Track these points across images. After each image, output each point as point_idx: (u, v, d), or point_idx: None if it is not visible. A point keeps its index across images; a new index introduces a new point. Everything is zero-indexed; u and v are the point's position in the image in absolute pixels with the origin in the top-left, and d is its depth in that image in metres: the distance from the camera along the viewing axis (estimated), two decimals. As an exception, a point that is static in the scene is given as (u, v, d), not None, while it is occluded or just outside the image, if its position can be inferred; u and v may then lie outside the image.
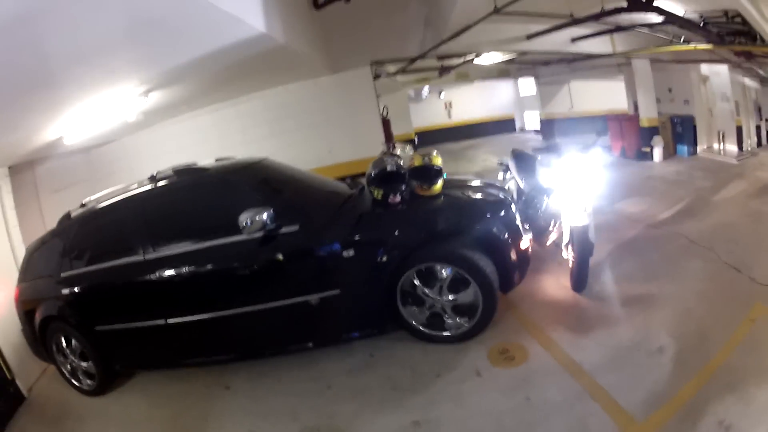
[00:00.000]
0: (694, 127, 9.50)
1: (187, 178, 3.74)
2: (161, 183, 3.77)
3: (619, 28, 7.58)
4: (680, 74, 9.81)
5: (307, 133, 7.19)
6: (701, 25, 6.73)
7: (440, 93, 17.87)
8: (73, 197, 4.76)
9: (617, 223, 5.37)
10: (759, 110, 10.73)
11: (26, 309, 4.32)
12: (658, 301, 3.49)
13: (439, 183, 3.56)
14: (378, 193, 3.50)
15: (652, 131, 9.35)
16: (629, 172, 8.44)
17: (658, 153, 9.24)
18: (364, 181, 3.94)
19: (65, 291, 3.87)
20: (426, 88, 16.51)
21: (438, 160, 3.64)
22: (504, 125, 18.01)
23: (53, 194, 6.29)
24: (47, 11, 2.06)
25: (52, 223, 4.72)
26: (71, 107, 4.08)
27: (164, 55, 3.52)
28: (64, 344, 4.05)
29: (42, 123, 4.23)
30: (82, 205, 4.22)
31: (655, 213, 5.75)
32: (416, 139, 13.45)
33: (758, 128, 10.47)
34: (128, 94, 4.34)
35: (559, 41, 8.05)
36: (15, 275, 4.72)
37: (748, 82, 10.17)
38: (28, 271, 4.45)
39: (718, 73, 10.02)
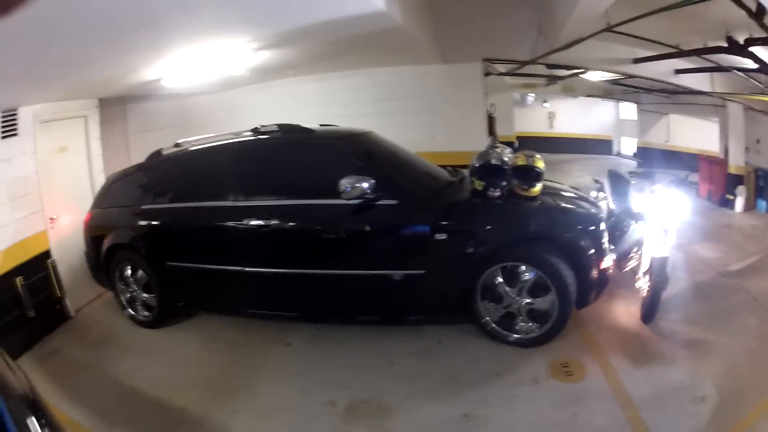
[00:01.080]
0: None
1: (292, 136, 3.90)
2: (264, 136, 3.94)
3: (719, 68, 7.44)
4: None
5: (410, 117, 7.25)
6: None
7: (544, 101, 18.02)
8: (161, 140, 4.97)
9: (690, 264, 5.34)
10: None
11: (94, 234, 4.59)
12: (712, 349, 3.54)
13: (539, 186, 3.61)
14: (479, 185, 3.56)
15: (738, 179, 9.17)
16: (709, 216, 8.38)
17: (740, 203, 9.07)
18: (465, 172, 4.02)
19: (142, 222, 4.10)
20: (531, 96, 16.65)
21: (540, 163, 3.67)
22: (601, 145, 17.96)
23: (141, 133, 6.61)
24: None
25: (137, 159, 5.01)
26: (176, 50, 4.18)
27: (281, 16, 3.61)
28: (128, 273, 4.28)
29: (141, 62, 4.36)
30: (176, 145, 4.43)
31: (726, 262, 5.69)
32: (516, 143, 13.51)
33: None
34: (238, 48, 4.45)
35: (663, 71, 7.98)
36: (90, 200, 5.03)
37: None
38: (104, 199, 4.72)
39: None
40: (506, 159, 3.72)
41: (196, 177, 4.11)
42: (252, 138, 4.00)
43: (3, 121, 4.35)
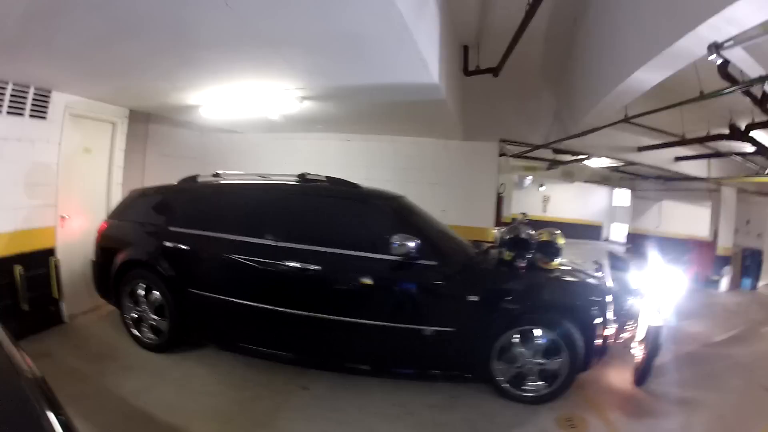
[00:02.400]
0: (761, 261, 10.16)
1: (338, 188, 4.27)
2: (310, 183, 4.31)
3: (717, 154, 8.28)
4: (760, 207, 10.56)
5: (425, 187, 7.69)
6: None
7: (541, 185, 18.99)
8: (177, 167, 5.27)
9: (678, 338, 5.89)
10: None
11: (108, 245, 4.66)
12: (701, 405, 4.15)
13: (558, 260, 4.23)
14: (508, 255, 4.13)
15: (725, 261, 10.01)
16: (695, 296, 9.02)
17: (725, 283, 9.90)
18: (486, 244, 4.60)
19: (168, 244, 4.25)
20: (529, 178, 17.20)
21: (561, 240, 4.32)
22: (591, 231, 19.23)
23: (159, 156, 6.93)
24: None
25: (150, 179, 5.17)
26: (228, 81, 4.43)
27: (346, 71, 3.94)
28: (141, 292, 4.33)
29: (191, 83, 4.58)
30: (216, 174, 4.70)
31: (711, 335, 6.53)
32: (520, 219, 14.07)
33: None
34: (284, 93, 4.76)
35: (664, 158, 8.77)
36: (103, 209, 5.25)
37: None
38: (126, 211, 4.82)
39: None
40: (532, 234, 4.28)
41: (234, 210, 4.34)
42: (299, 183, 4.34)
43: (34, 101, 4.47)
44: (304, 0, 2.54)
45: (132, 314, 4.46)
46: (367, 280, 3.80)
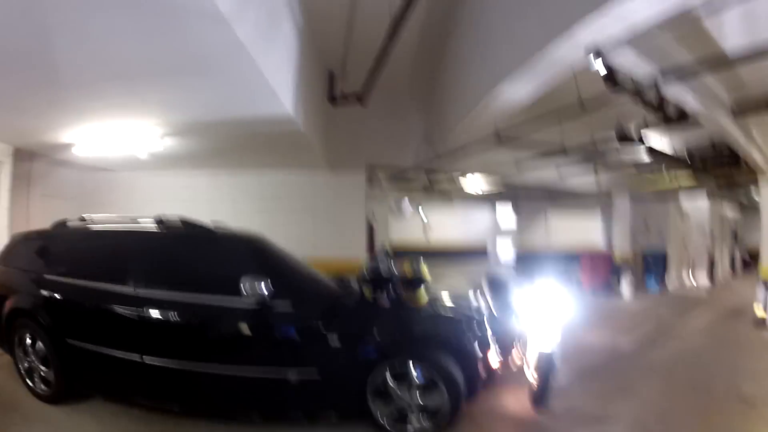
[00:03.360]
0: (665, 261, 10.14)
1: (194, 231, 4.07)
2: (167, 228, 4.08)
3: (604, 162, 8.06)
4: (659, 208, 10.47)
5: (294, 220, 7.54)
6: (687, 159, 7.41)
7: (419, 206, 18.15)
8: (59, 209, 5.02)
9: (581, 352, 5.80)
10: (735, 237, 11.37)
11: (-4, 292, 4.33)
12: (615, 418, 3.93)
13: (423, 291, 4.06)
14: (368, 292, 3.93)
15: (624, 266, 9.92)
16: (597, 306, 9.01)
17: (626, 289, 9.79)
18: (351, 279, 4.37)
19: (45, 293, 4.00)
20: (406, 201, 16.63)
21: (426, 272, 4.16)
22: (478, 254, 18.53)
23: (41, 197, 6.51)
24: (105, 14, 2.28)
25: (35, 222, 4.86)
26: (93, 119, 4.34)
27: (196, 103, 3.85)
28: (28, 342, 4.08)
29: (60, 122, 4.48)
30: (82, 219, 4.42)
31: (618, 344, 6.33)
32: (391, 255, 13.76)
33: (732, 258, 11.01)
34: (146, 130, 4.66)
35: (546, 174, 8.56)
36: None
37: (728, 211, 10.87)
38: (9, 257, 4.54)
39: (699, 208, 10.70)
40: (394, 269, 4.09)
41: (98, 256, 4.12)
42: (156, 228, 4.12)
43: None
44: (145, 28, 2.45)
45: (24, 364, 4.20)
46: (223, 326, 3.63)
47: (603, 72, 3.23)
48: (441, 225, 19.29)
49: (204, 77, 3.16)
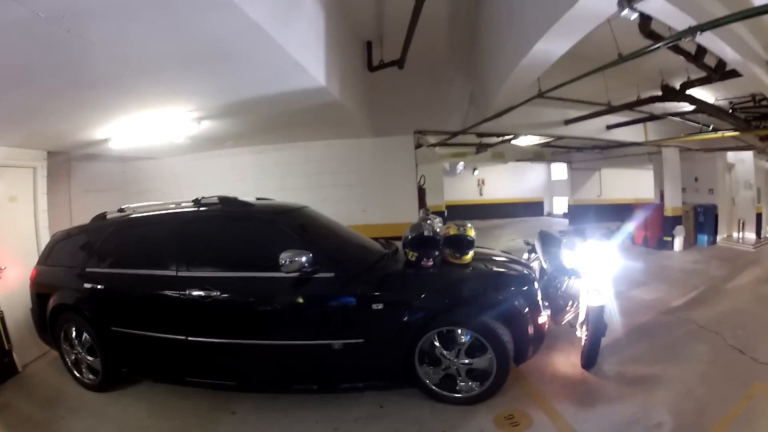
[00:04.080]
0: (716, 216, 9.88)
1: (232, 209, 4.00)
2: (204, 208, 4.02)
3: (652, 117, 7.92)
4: (707, 163, 10.26)
5: (343, 190, 7.39)
6: (730, 111, 7.09)
7: (474, 170, 18.55)
8: (103, 202, 5.02)
9: (631, 309, 5.57)
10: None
11: (40, 291, 4.50)
12: (662, 381, 3.73)
13: (470, 253, 3.81)
14: (412, 255, 3.73)
15: (676, 220, 9.66)
16: (649, 261, 8.76)
17: (678, 242, 9.56)
18: (398, 243, 4.19)
19: (87, 285, 4.04)
20: (461, 164, 16.89)
21: (471, 232, 3.90)
22: (532, 208, 18.81)
23: (84, 193, 6.64)
24: (116, 14, 2.25)
25: (78, 218, 4.94)
26: (125, 115, 4.33)
27: (226, 87, 3.77)
28: (74, 335, 4.20)
29: (91, 121, 4.48)
30: (121, 210, 4.45)
31: (668, 300, 6.06)
32: (446, 213, 13.75)
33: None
34: (181, 116, 4.59)
35: (595, 128, 8.42)
36: (35, 255, 4.94)
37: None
38: (50, 256, 4.63)
39: (743, 160, 10.44)
40: (438, 230, 3.89)
41: (139, 244, 4.12)
42: (193, 209, 4.07)
43: None
44: (156, 22, 2.39)
45: (71, 357, 4.32)
46: (267, 300, 3.53)
47: (633, 17, 3.00)
48: (496, 183, 19.17)
49: (227, 62, 3.10)
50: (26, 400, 4.13)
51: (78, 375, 4.28)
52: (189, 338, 3.61)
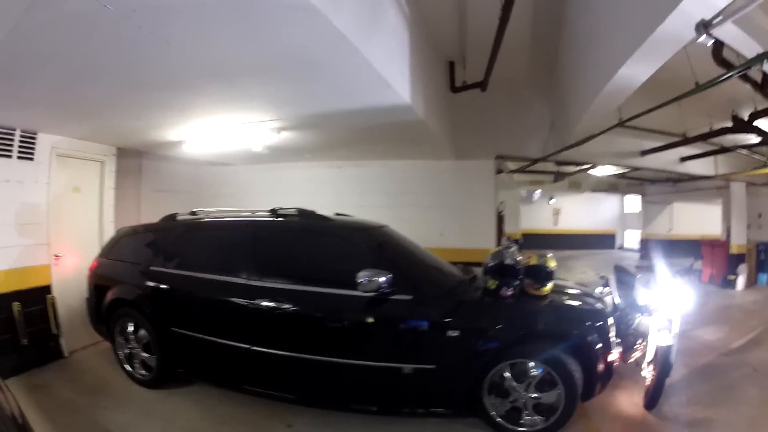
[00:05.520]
0: None
1: (309, 222, 3.95)
2: (282, 218, 4.00)
3: (722, 149, 7.70)
4: None
5: (422, 211, 7.29)
6: None
7: (550, 198, 18.38)
8: (172, 203, 5.09)
9: (693, 349, 5.41)
10: None
11: (99, 283, 4.57)
12: (713, 425, 3.64)
13: (550, 285, 3.68)
14: (492, 284, 3.62)
15: (740, 258, 9.33)
16: (712, 300, 8.51)
17: (741, 281, 9.22)
18: (476, 269, 4.09)
19: (150, 283, 4.08)
20: (538, 191, 16.70)
21: (552, 263, 3.76)
22: (605, 240, 18.54)
23: (153, 192, 6.73)
24: (191, 14, 2.20)
25: (146, 216, 5.03)
26: (200, 117, 4.36)
27: (307, 97, 3.74)
28: (130, 330, 4.23)
29: (164, 122, 4.53)
30: (193, 213, 4.48)
31: (728, 342, 5.84)
32: (522, 240, 13.57)
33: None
34: (261, 125, 4.58)
35: (669, 160, 8.21)
36: (96, 247, 5.08)
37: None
38: (113, 250, 4.71)
39: None
40: (519, 259, 3.77)
41: (209, 248, 4.11)
42: (270, 219, 4.05)
43: (21, 142, 4.50)
44: (236, 27, 2.34)
45: (124, 350, 4.37)
46: (339, 318, 3.45)
47: (709, 43, 2.91)
48: (571, 212, 18.99)
49: (309, 70, 3.04)
50: (69, 385, 4.20)
51: (129, 369, 4.32)
52: (253, 347, 3.56)
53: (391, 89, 3.41)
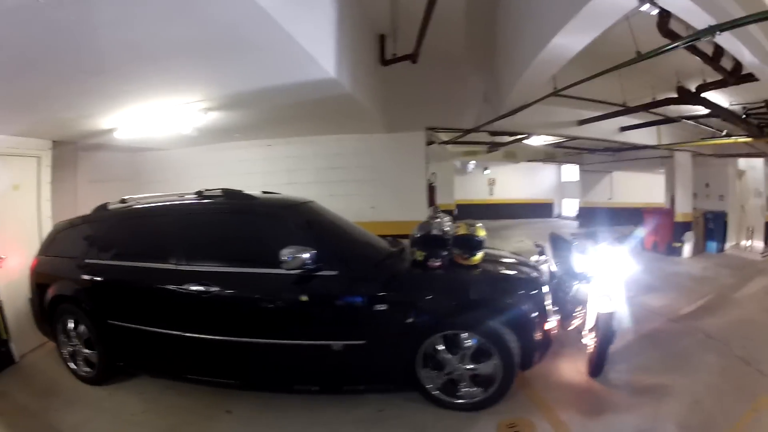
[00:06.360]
0: (725, 223, 9.78)
1: (235, 202, 3.89)
2: (207, 200, 3.92)
3: (666, 120, 7.80)
4: (718, 169, 10.14)
5: (352, 186, 7.28)
6: (743, 117, 6.95)
7: (485, 169, 18.41)
8: (110, 192, 4.90)
9: (639, 316, 5.43)
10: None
11: (39, 282, 4.44)
12: (669, 392, 3.63)
13: (480, 254, 3.68)
14: (420, 255, 3.61)
15: (685, 227, 9.55)
16: (657, 267, 8.66)
17: (687, 249, 9.45)
18: (405, 241, 4.06)
19: (86, 277, 3.97)
20: (472, 163, 16.78)
21: (481, 232, 3.76)
22: (542, 209, 18.69)
23: (91, 183, 6.57)
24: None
25: (84, 208, 4.88)
26: (131, 103, 4.23)
27: (233, 77, 3.66)
28: (71, 327, 4.12)
29: (96, 109, 4.37)
30: (122, 201, 4.36)
31: (676, 308, 5.94)
32: (456, 211, 13.59)
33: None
34: (189, 106, 4.48)
35: (608, 130, 8.30)
36: (36, 245, 4.85)
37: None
38: (51, 247, 4.56)
39: (754, 167, 10.35)
40: (447, 229, 3.77)
41: (139, 236, 4.03)
42: (195, 201, 3.97)
43: None
44: (161, 5, 2.27)
45: (67, 348, 4.24)
46: (268, 298, 3.42)
47: (653, 12, 2.90)
48: (507, 183, 19.10)
49: (235, 50, 3.00)
50: (22, 390, 4.08)
51: (74, 367, 4.21)
52: (187, 334, 3.50)
53: (316, 65, 3.35)
